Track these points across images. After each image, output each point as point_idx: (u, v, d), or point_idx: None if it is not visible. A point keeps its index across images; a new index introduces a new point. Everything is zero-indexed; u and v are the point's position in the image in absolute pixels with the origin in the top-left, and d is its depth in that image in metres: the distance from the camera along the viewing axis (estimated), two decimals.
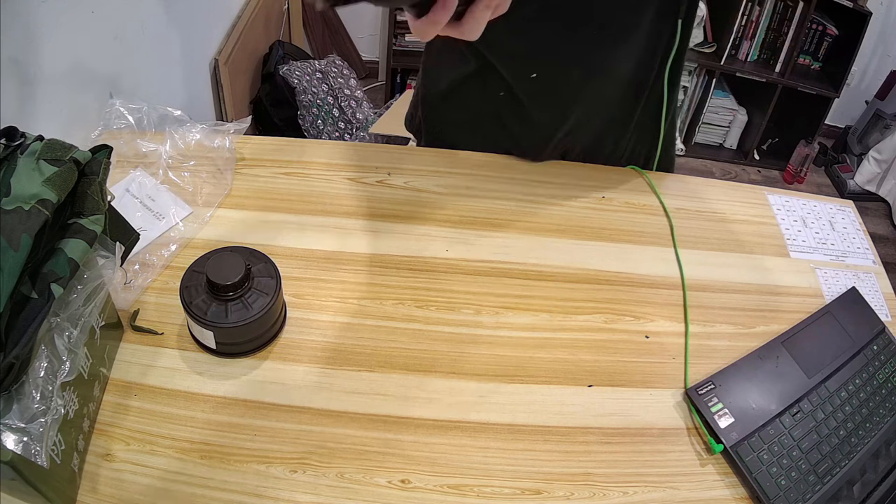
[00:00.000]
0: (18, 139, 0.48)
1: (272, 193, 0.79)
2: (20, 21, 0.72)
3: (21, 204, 0.44)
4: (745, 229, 0.85)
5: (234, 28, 1.71)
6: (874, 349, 0.72)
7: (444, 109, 0.89)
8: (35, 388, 0.45)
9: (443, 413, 0.62)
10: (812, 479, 0.60)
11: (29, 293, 0.44)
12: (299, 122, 2.03)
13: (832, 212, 0.91)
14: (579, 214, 0.82)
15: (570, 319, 0.71)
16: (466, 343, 0.68)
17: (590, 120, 0.83)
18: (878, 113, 2.54)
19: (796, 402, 0.65)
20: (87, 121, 0.85)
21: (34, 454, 0.44)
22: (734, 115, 2.71)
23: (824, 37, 2.55)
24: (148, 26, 1.13)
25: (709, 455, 0.62)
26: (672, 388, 0.67)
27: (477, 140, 0.88)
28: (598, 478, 0.59)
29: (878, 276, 0.83)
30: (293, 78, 1.99)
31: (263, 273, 0.62)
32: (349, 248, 0.74)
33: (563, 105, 0.81)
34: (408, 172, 0.84)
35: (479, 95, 0.84)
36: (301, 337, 0.66)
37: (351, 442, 0.59)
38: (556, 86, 0.79)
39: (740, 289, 0.77)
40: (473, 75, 0.82)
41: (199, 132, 0.81)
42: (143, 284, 0.67)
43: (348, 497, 0.56)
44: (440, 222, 0.79)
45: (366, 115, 2.14)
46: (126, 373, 0.61)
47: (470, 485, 0.57)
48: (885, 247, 2.41)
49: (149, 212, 0.74)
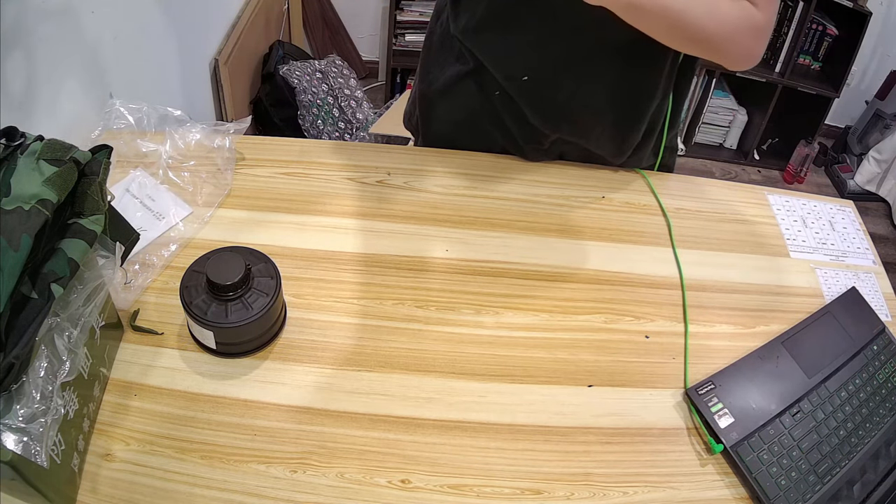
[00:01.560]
0: (18, 139, 0.48)
1: (272, 193, 0.79)
2: (20, 21, 0.72)
3: (21, 204, 0.44)
4: (745, 229, 0.85)
5: (234, 28, 1.71)
6: (874, 349, 0.72)
7: (441, 108, 0.88)
8: (35, 388, 0.45)
9: (443, 413, 0.62)
10: (812, 479, 0.60)
11: (29, 293, 0.44)
12: (299, 122, 2.03)
13: (832, 212, 0.91)
14: (579, 214, 0.82)
15: (570, 319, 0.71)
16: (466, 343, 0.68)
17: (586, 125, 0.82)
18: (878, 113, 2.54)
19: (796, 402, 0.65)
20: (87, 121, 0.85)
21: (34, 454, 0.44)
22: (734, 115, 2.71)
23: (824, 37, 2.55)
24: (148, 26, 1.13)
25: (709, 455, 0.62)
26: (672, 388, 0.67)
27: (474, 138, 0.88)
28: (598, 478, 0.59)
29: (878, 276, 0.83)
30: (293, 78, 1.99)
31: (263, 273, 0.62)
32: (349, 248, 0.74)
33: (556, 109, 0.80)
34: (408, 172, 0.84)
35: (475, 94, 0.83)
36: (301, 337, 0.66)
37: (351, 442, 0.59)
38: (549, 90, 0.78)
39: (740, 289, 0.77)
40: (471, 74, 0.82)
41: (199, 132, 0.81)
42: (143, 284, 0.67)
43: (348, 497, 0.56)
44: (440, 222, 0.79)
45: (366, 115, 2.14)
46: (126, 373, 0.61)
47: (470, 485, 0.57)
48: (885, 247, 2.41)
49: (149, 212, 0.74)
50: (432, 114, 0.90)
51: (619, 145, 0.84)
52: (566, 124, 0.81)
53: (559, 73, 0.76)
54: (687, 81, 0.81)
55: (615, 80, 0.76)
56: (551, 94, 0.78)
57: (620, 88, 0.77)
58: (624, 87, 0.77)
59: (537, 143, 0.85)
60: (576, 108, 0.79)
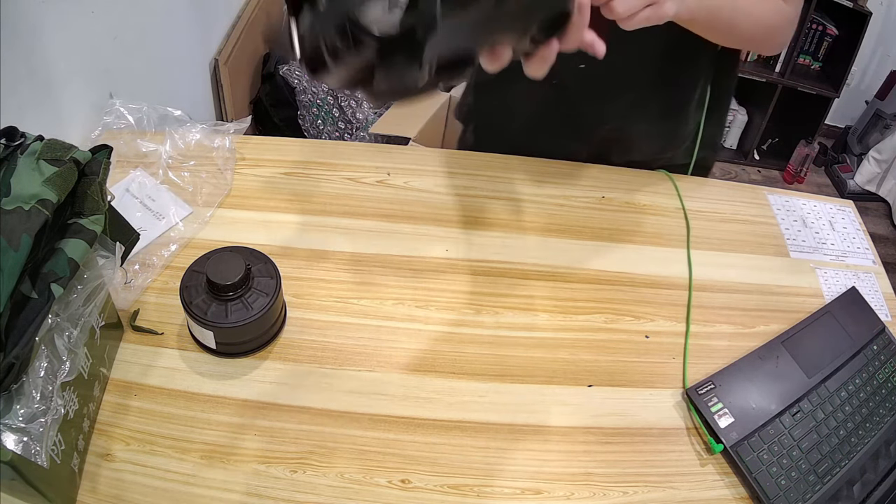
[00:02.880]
0: (18, 139, 0.48)
1: (272, 193, 0.79)
2: (20, 21, 0.72)
3: (21, 204, 0.44)
4: (745, 229, 0.85)
5: (234, 28, 1.71)
6: (874, 349, 0.72)
7: (494, 98, 0.90)
8: (35, 388, 0.45)
9: (443, 413, 0.62)
10: (812, 479, 0.60)
11: (29, 293, 0.44)
12: (299, 122, 2.03)
13: (832, 212, 0.91)
14: (579, 214, 0.82)
15: (570, 319, 0.71)
16: (466, 343, 0.68)
17: (634, 117, 0.83)
18: (878, 113, 2.54)
19: (796, 402, 0.65)
20: (87, 121, 0.85)
21: (34, 454, 0.44)
22: (734, 115, 2.71)
23: (824, 37, 2.55)
24: (148, 26, 1.13)
25: (709, 455, 0.62)
26: (672, 387, 0.67)
27: (523, 129, 0.89)
28: (598, 478, 0.59)
29: (878, 276, 0.83)
30: (293, 78, 1.98)
31: (263, 273, 0.62)
32: (349, 248, 0.74)
33: (607, 96, 0.80)
34: (408, 172, 0.84)
35: (528, 84, 0.84)
36: (301, 337, 0.66)
37: (351, 442, 0.59)
38: (603, 76, 0.78)
39: (740, 289, 0.77)
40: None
41: (199, 132, 0.81)
42: (143, 284, 0.67)
43: (348, 497, 0.56)
44: (440, 222, 0.79)
45: (366, 115, 2.14)
46: (126, 373, 0.61)
47: (470, 485, 0.57)
48: (885, 247, 2.41)
49: (149, 212, 0.74)
50: (485, 103, 0.93)
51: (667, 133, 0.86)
52: (615, 113, 0.82)
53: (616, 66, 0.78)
54: (727, 77, 0.82)
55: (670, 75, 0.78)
56: (605, 78, 0.78)
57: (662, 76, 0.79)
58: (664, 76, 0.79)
59: (585, 135, 0.86)
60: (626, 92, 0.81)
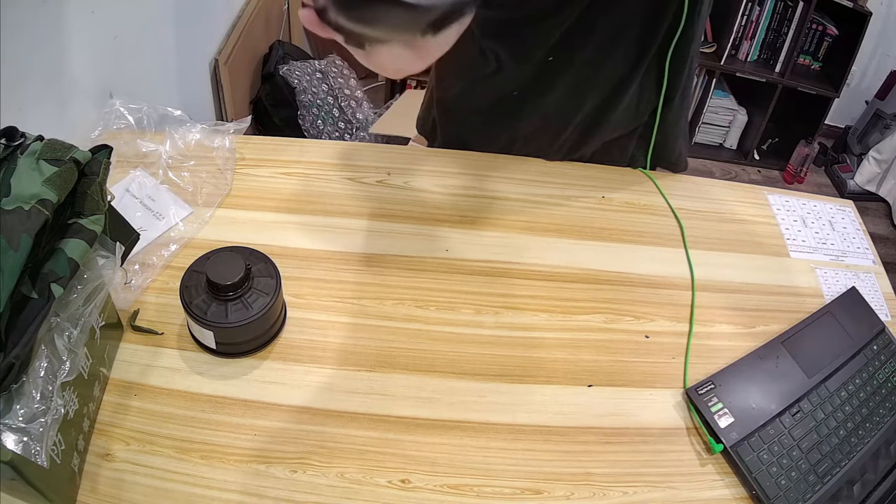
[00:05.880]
0: (18, 139, 0.48)
1: (272, 193, 0.79)
2: (20, 21, 0.72)
3: (21, 204, 0.44)
4: (744, 229, 0.85)
5: (234, 28, 1.71)
6: (874, 349, 0.72)
7: (459, 110, 0.89)
8: (35, 388, 0.45)
9: (443, 413, 0.62)
10: (812, 479, 0.60)
11: (29, 293, 0.44)
12: (299, 122, 2.03)
13: (832, 212, 0.91)
14: (579, 214, 0.82)
15: (570, 319, 0.71)
16: (466, 343, 0.68)
17: (602, 110, 0.82)
18: (878, 113, 2.54)
19: (796, 402, 0.65)
20: (87, 121, 0.85)
21: (34, 454, 0.44)
22: (734, 115, 2.71)
23: (824, 37, 2.55)
24: (148, 26, 1.13)
25: (709, 455, 0.62)
26: (672, 388, 0.67)
27: (491, 139, 0.88)
28: (598, 478, 0.59)
29: (878, 276, 0.83)
30: (293, 78, 1.98)
31: (263, 273, 0.62)
32: (349, 248, 0.74)
33: (577, 91, 0.80)
34: (408, 172, 0.84)
35: (493, 95, 0.84)
36: (301, 337, 0.66)
37: (351, 442, 0.59)
38: (571, 67, 0.77)
39: (740, 289, 0.77)
40: (489, 76, 0.82)
41: (199, 132, 0.81)
42: (143, 284, 0.67)
43: (348, 497, 0.56)
44: (440, 222, 0.79)
45: (366, 115, 2.14)
46: (126, 373, 0.61)
47: (470, 485, 0.57)
48: (885, 247, 2.41)
49: (149, 212, 0.74)
50: (450, 117, 0.91)
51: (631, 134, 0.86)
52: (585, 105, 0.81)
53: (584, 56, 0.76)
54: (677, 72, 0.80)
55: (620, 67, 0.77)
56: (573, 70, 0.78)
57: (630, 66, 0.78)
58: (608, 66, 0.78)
59: (553, 137, 0.85)
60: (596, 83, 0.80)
